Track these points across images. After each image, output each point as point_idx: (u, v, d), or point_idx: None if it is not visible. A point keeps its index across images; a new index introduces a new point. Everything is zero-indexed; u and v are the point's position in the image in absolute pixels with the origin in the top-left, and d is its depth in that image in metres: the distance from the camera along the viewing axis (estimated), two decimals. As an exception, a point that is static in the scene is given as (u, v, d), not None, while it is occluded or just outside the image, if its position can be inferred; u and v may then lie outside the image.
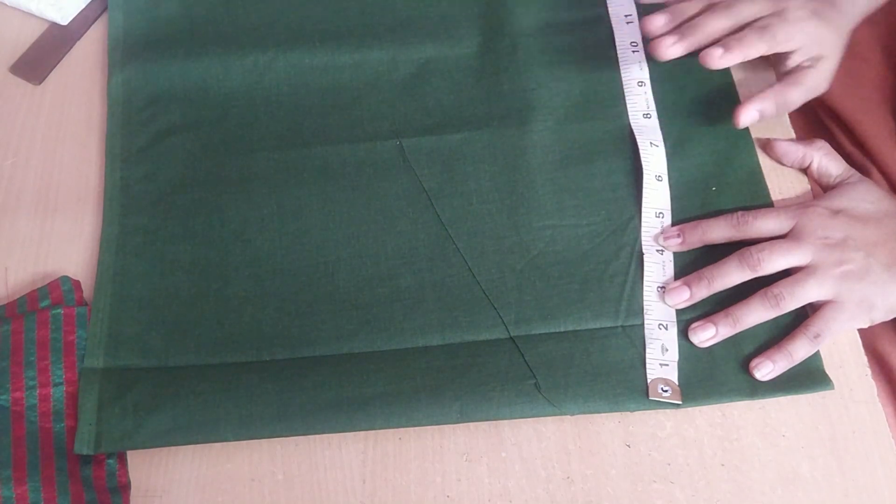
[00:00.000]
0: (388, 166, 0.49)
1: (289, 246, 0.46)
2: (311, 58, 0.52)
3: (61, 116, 0.52)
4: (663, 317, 0.43)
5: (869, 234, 0.43)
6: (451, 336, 0.43)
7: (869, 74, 0.54)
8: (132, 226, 0.47)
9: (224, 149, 0.49)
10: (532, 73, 0.51)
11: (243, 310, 0.44)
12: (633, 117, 0.49)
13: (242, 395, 0.41)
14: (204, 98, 0.51)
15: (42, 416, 0.40)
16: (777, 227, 0.44)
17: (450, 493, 0.41)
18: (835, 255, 0.42)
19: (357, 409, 0.41)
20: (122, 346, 0.43)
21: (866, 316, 0.42)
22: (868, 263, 0.42)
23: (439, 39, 0.53)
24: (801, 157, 0.47)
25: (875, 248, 0.42)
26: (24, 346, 0.41)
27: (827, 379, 0.42)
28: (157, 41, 0.53)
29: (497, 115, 0.50)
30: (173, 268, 0.45)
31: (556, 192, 0.47)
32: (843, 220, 0.43)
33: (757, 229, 0.44)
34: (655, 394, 0.41)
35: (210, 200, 0.48)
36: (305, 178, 0.48)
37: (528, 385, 0.41)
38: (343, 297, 0.45)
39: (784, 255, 0.42)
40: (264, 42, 0.53)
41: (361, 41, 0.53)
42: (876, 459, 0.41)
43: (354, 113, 0.51)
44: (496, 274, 0.45)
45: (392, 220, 0.47)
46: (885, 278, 0.42)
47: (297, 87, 0.51)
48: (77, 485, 0.38)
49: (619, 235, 0.46)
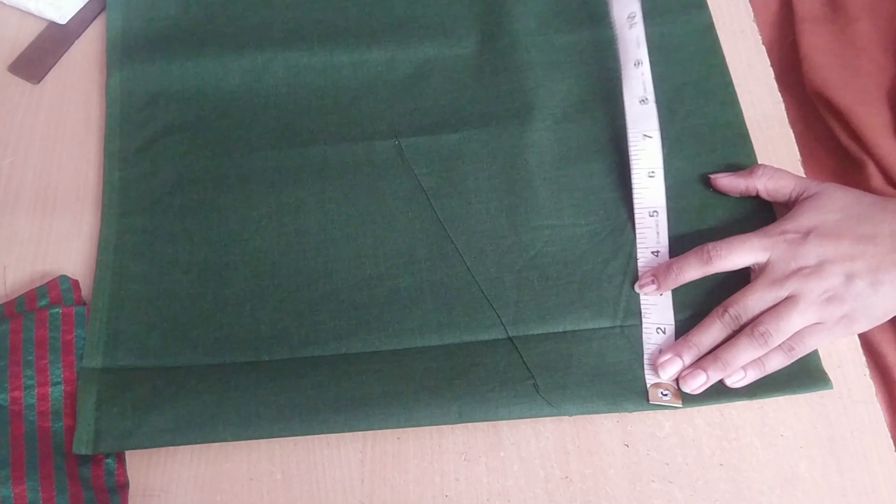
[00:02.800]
0: (387, 166, 0.49)
1: (287, 245, 0.46)
2: (309, 58, 0.52)
3: (60, 115, 0.52)
4: (661, 320, 0.43)
5: (844, 249, 0.41)
6: (450, 336, 0.43)
7: (867, 66, 0.54)
8: (131, 225, 0.47)
9: (222, 149, 0.49)
10: (531, 72, 0.51)
11: (242, 310, 0.44)
12: (628, 105, 0.48)
13: (241, 396, 0.41)
14: (202, 98, 0.51)
15: (40, 416, 0.40)
16: (751, 261, 0.43)
17: (448, 493, 0.41)
18: (814, 283, 0.41)
19: (356, 410, 0.41)
20: (121, 346, 0.43)
21: (847, 330, 0.41)
22: (850, 281, 0.41)
23: (438, 39, 0.53)
24: (745, 188, 0.46)
25: (854, 262, 0.41)
26: (22, 346, 0.41)
27: (826, 378, 0.42)
28: (156, 41, 0.53)
29: (496, 115, 0.50)
30: (172, 267, 0.45)
31: (554, 192, 0.47)
32: (814, 242, 0.42)
33: (731, 264, 0.43)
34: (655, 398, 0.41)
35: (208, 200, 0.48)
36: (304, 178, 0.48)
37: (527, 386, 0.41)
38: (341, 297, 0.45)
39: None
40: (262, 42, 0.53)
41: (359, 41, 0.53)
42: (874, 459, 0.41)
43: (352, 112, 0.51)
44: (494, 273, 0.45)
45: (390, 219, 0.47)
46: (868, 292, 0.41)
47: (295, 87, 0.51)
48: (75, 484, 0.38)
49: (617, 235, 0.46)
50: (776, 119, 0.50)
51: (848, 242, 0.41)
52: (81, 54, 0.54)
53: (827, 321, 0.41)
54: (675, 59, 0.51)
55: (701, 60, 0.51)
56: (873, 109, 0.53)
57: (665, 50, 0.51)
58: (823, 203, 0.43)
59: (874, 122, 0.53)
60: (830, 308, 0.41)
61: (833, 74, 0.45)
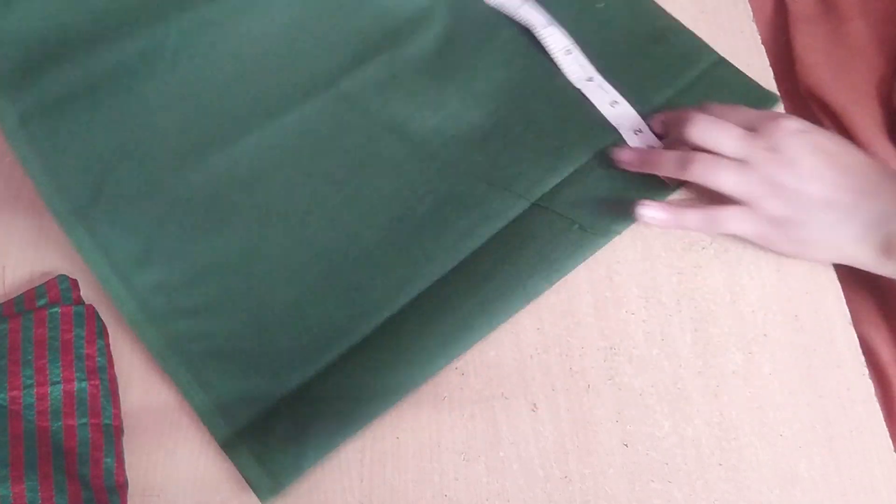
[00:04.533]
0: (336, 121, 0.48)
1: (293, 242, 0.45)
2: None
3: (59, 115, 0.52)
4: (633, 125, 0.48)
5: (822, 170, 0.41)
6: (487, 230, 0.45)
7: (860, 66, 0.54)
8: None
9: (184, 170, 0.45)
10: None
11: (291, 316, 0.44)
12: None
13: (351, 379, 0.42)
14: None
15: (39, 415, 0.40)
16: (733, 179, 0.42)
17: (447, 493, 0.41)
18: (772, 167, 0.40)
19: (451, 335, 0.42)
20: (232, 408, 0.41)
21: (770, 236, 0.41)
22: (805, 194, 0.40)
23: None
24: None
25: (822, 184, 0.40)
26: (21, 345, 0.41)
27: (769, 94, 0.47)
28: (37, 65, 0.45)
29: (395, 29, 0.50)
30: (212, 316, 0.44)
31: (490, 62, 0.50)
32: (799, 150, 0.41)
33: (712, 181, 0.42)
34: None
35: (207, 225, 0.45)
36: (267, 170, 0.46)
37: (575, 231, 0.44)
38: (374, 254, 0.45)
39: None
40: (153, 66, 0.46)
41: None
42: (874, 459, 0.41)
43: (277, 83, 0.47)
44: (487, 160, 0.47)
45: (374, 160, 0.47)
46: (817, 215, 0.40)
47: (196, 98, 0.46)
48: (74, 483, 0.38)
49: (557, 76, 0.49)
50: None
51: (831, 172, 0.41)
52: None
53: (758, 210, 0.41)
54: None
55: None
56: (866, 109, 0.53)
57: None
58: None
59: (867, 122, 0.53)
60: (771, 200, 0.41)
61: (826, 74, 0.46)
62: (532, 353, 0.44)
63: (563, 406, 0.42)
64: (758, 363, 0.43)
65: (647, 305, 0.45)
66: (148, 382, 0.43)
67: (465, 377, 0.43)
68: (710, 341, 0.44)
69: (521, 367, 0.43)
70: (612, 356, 0.44)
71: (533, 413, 0.42)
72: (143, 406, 0.43)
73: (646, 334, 0.44)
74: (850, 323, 0.44)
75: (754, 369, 0.43)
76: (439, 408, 0.43)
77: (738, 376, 0.43)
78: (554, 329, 0.44)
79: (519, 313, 0.44)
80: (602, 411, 0.42)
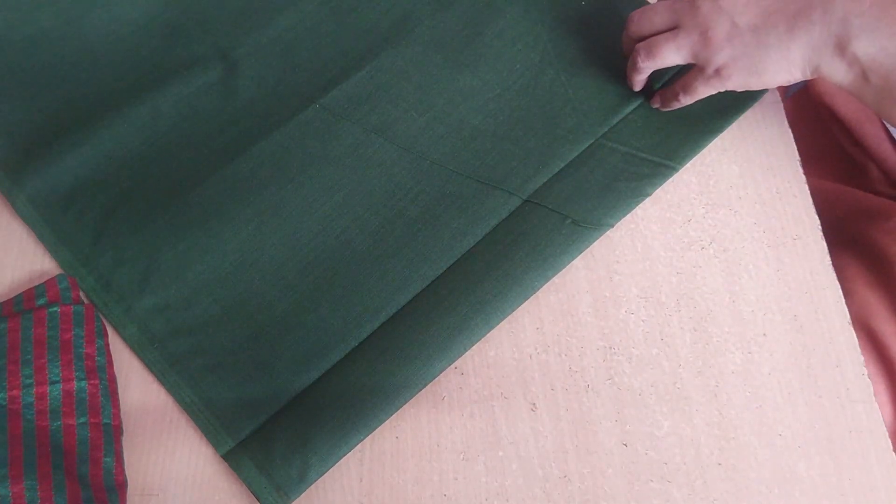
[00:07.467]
0: (324, 129, 0.49)
1: (291, 249, 0.46)
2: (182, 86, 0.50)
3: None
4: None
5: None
6: (481, 229, 0.46)
7: None
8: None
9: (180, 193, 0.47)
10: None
11: (287, 328, 0.44)
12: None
13: (364, 377, 0.42)
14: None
15: (39, 415, 0.40)
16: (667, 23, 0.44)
17: (447, 492, 0.41)
18: (698, 18, 0.42)
19: (457, 327, 0.43)
20: (236, 421, 0.42)
21: (721, 82, 0.43)
22: (734, 28, 0.41)
23: (287, 11, 0.53)
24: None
25: (746, 11, 0.41)
26: (20, 345, 0.41)
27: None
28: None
29: (380, 40, 0.52)
30: (220, 327, 0.44)
31: (474, 69, 0.51)
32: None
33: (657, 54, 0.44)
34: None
35: (202, 244, 0.46)
36: (259, 185, 0.47)
37: (568, 226, 0.45)
38: (371, 258, 0.45)
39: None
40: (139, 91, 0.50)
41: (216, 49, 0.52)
42: (872, 459, 0.41)
43: (265, 102, 0.50)
44: (475, 162, 0.48)
45: (361, 171, 0.48)
46: (751, 43, 0.41)
47: (189, 119, 0.49)
48: (74, 483, 0.38)
49: (543, 74, 0.51)
50: (776, 119, 0.50)
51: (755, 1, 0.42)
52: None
53: (705, 67, 0.43)
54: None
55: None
56: (875, 119, 0.53)
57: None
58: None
59: (876, 130, 0.54)
60: (707, 51, 0.42)
61: (837, 87, 0.46)
62: (531, 352, 0.44)
63: (562, 405, 0.42)
64: (757, 363, 0.43)
65: (646, 305, 0.45)
66: (147, 382, 0.43)
67: (464, 377, 0.43)
68: (709, 341, 0.44)
69: (521, 366, 0.43)
70: (612, 356, 0.44)
71: (532, 412, 0.42)
72: (142, 405, 0.43)
73: (645, 334, 0.44)
74: (850, 323, 0.44)
75: (754, 369, 0.43)
76: (439, 407, 0.43)
77: (737, 376, 0.43)
78: (553, 329, 0.44)
79: (518, 313, 0.44)
80: (601, 411, 0.42)
